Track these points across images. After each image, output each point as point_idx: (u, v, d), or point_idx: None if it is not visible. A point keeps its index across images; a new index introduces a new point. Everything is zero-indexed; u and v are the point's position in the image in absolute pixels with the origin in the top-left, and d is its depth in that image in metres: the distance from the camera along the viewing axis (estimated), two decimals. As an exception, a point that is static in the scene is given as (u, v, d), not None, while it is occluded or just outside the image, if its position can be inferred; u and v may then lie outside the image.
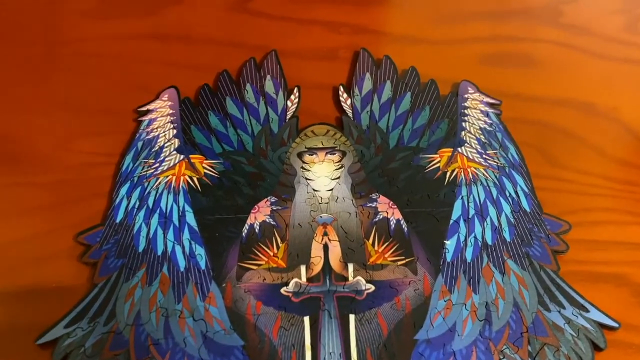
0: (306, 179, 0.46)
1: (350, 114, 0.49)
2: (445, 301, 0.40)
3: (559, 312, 0.39)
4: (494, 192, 0.45)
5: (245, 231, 0.43)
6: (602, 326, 0.39)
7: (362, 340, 0.38)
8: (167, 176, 0.46)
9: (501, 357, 0.37)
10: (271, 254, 0.42)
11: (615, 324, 0.39)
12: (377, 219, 0.44)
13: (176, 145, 0.48)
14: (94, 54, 0.53)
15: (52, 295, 0.41)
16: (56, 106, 0.50)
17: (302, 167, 0.47)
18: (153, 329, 0.38)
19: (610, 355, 0.38)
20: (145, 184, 0.45)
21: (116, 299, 0.40)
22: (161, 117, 0.49)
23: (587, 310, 0.39)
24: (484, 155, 0.47)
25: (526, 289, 0.40)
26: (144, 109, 0.50)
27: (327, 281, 0.41)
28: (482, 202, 0.45)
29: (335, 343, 0.38)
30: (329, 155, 0.47)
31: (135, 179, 0.46)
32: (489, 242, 0.43)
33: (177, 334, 0.38)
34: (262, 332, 0.38)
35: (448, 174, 0.46)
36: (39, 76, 0.52)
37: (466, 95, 0.51)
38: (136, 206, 0.44)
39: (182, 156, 0.47)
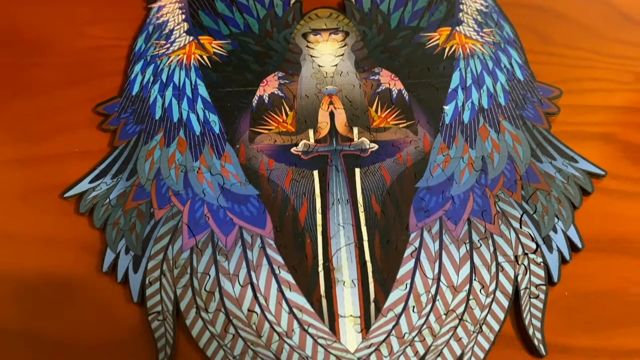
0: (311, 56, 0.48)
1: (352, -1, 0.51)
2: (444, 156, 0.42)
3: (550, 163, 0.42)
4: (490, 64, 0.48)
5: (255, 102, 0.46)
6: (590, 175, 0.42)
7: (367, 188, 0.41)
8: (179, 55, 0.48)
9: (496, 201, 0.40)
10: (280, 120, 0.45)
11: (601, 172, 0.42)
12: (379, 90, 0.46)
13: (185, 29, 0.50)
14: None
15: (74, 158, 0.43)
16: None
17: (307, 46, 0.49)
18: (173, 183, 0.41)
19: (597, 199, 0.41)
20: (158, 62, 0.48)
21: (137, 158, 0.42)
22: (170, 4, 0.51)
23: (576, 162, 0.42)
24: (480, 33, 0.49)
25: (520, 144, 0.43)
26: (153, -4, 0.52)
27: (334, 142, 0.43)
28: (478, 73, 0.47)
29: (343, 191, 0.41)
30: (332, 35, 0.49)
31: (148, 57, 0.48)
32: (485, 106, 0.45)
33: (196, 186, 0.41)
34: (275, 183, 0.41)
35: (447, 49, 0.49)
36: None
37: (463, -19, 0.53)
38: (150, 81, 0.47)
39: (191, 37, 0.49)
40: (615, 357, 0.35)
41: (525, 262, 0.37)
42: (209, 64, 0.48)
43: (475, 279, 0.37)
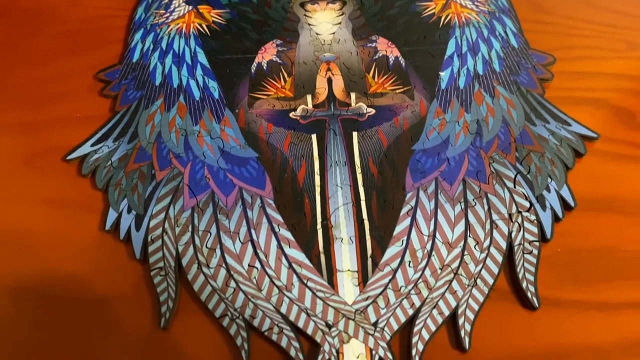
0: (309, 24, 0.49)
1: (349, -30, 0.52)
2: (439, 119, 0.43)
3: (544, 126, 0.43)
4: (485, 32, 0.48)
5: (254, 68, 0.46)
6: (583, 137, 0.43)
7: (365, 151, 0.42)
8: (178, 24, 0.49)
9: (491, 162, 0.41)
10: (279, 86, 0.45)
11: (594, 135, 0.43)
12: (376, 57, 0.47)
13: (184, -2, 0.50)
14: None
15: (76, 123, 0.44)
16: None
17: (305, 15, 0.50)
18: (174, 146, 0.42)
19: (590, 161, 0.42)
20: (158, 31, 0.48)
21: (137, 122, 0.43)
22: (169, -25, 0.52)
23: (569, 125, 0.43)
24: (475, 2, 0.50)
25: (514, 108, 0.44)
26: (152, -33, 0.52)
27: (332, 107, 0.44)
28: (474, 40, 0.48)
29: (341, 154, 0.41)
30: (330, 4, 0.50)
31: (148, 26, 0.49)
32: (480, 72, 0.46)
33: (197, 149, 0.42)
34: (274, 146, 0.42)
35: (442, 18, 0.49)
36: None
37: (459, -48, 0.53)
38: (150, 48, 0.47)
39: (190, 7, 0.50)
40: (604, 310, 0.36)
41: (519, 220, 0.38)
42: (208, 33, 0.48)
43: (469, 236, 0.38)
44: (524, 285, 0.36)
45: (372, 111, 0.44)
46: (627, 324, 0.35)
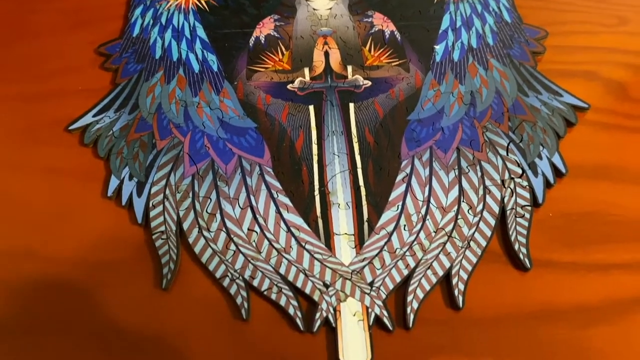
0: (306, 0, 0.50)
1: (345, -52, 0.53)
2: (434, 91, 0.44)
3: (536, 97, 0.44)
4: (479, 7, 0.49)
5: (252, 42, 0.47)
6: (574, 107, 0.44)
7: (361, 121, 0.43)
8: (177, 0, 0.49)
9: (484, 131, 0.42)
10: (277, 59, 0.46)
11: (585, 105, 0.44)
12: (373, 31, 0.48)
13: (183, -25, 0.51)
14: None
15: (78, 95, 0.44)
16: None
17: (302, -9, 0.50)
18: (174, 116, 0.42)
19: (581, 130, 0.43)
20: (157, 7, 0.49)
21: (138, 94, 0.44)
22: (168, -48, 0.52)
23: (561, 95, 0.44)
24: (470, -21, 0.51)
25: (507, 80, 0.45)
26: (151, -55, 0.53)
27: (329, 79, 0.45)
28: (468, 15, 0.49)
29: (338, 124, 0.42)
30: (326, -19, 0.51)
31: (148, 2, 0.49)
32: (474, 46, 0.47)
33: (196, 119, 0.42)
34: (273, 117, 0.43)
35: (437, -6, 0.50)
36: None
37: None
38: (150, 24, 0.48)
39: (189, -17, 0.50)
40: (594, 271, 0.37)
41: (512, 186, 0.39)
42: (206, 8, 0.49)
43: (463, 201, 0.39)
44: (516, 247, 0.37)
45: (369, 83, 0.45)
46: (615, 283, 0.36)
